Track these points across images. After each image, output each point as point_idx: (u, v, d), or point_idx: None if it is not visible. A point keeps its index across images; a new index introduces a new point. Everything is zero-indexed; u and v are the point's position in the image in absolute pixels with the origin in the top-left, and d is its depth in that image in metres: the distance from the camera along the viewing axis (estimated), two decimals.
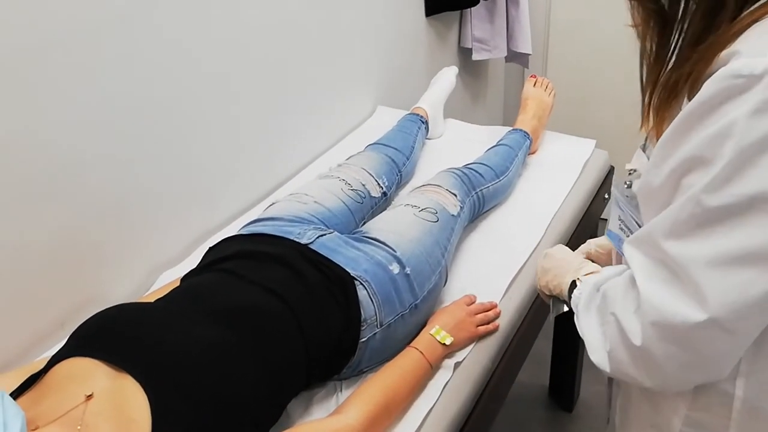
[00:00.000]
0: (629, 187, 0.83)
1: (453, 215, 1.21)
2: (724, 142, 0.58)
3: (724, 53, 0.60)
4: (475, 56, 2.19)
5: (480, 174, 1.34)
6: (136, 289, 1.18)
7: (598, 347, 0.72)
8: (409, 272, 1.05)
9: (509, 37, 2.22)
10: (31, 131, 0.97)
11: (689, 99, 0.62)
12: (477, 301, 1.12)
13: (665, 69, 0.68)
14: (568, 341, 1.79)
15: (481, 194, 1.32)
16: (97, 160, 1.07)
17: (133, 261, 1.17)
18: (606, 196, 1.61)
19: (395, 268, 1.04)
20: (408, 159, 1.47)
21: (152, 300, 0.93)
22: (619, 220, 0.86)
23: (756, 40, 0.59)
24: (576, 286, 0.85)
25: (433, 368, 1.00)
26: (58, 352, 0.81)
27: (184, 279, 1.00)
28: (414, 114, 1.61)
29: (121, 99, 1.09)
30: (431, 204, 1.19)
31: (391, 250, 1.06)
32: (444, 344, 1.01)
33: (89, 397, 0.73)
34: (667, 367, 0.65)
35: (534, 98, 1.60)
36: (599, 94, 2.36)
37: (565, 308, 0.91)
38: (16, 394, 0.77)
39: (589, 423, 1.84)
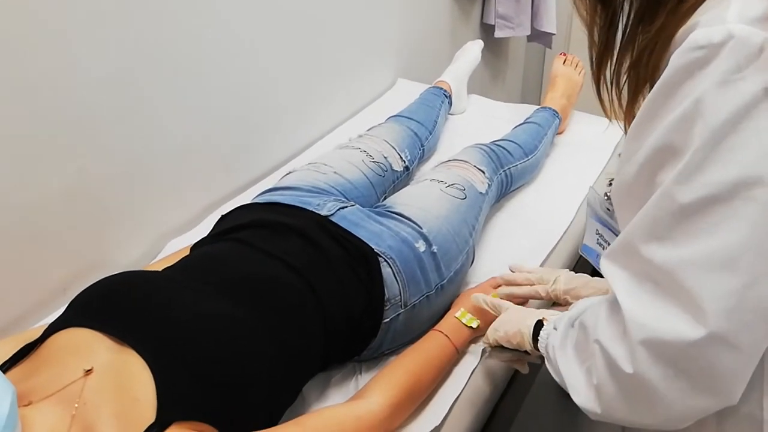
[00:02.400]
0: (609, 198, 0.75)
1: (481, 193, 1.13)
2: (693, 124, 0.50)
3: (682, 30, 0.53)
4: (498, 33, 2.10)
5: (508, 151, 1.27)
6: (142, 257, 1.12)
7: (580, 387, 0.62)
8: (435, 250, 0.98)
9: (534, 15, 2.13)
10: (47, 80, 0.89)
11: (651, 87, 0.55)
12: None
13: (617, 59, 0.61)
14: None
15: (509, 173, 1.25)
16: (110, 116, 1.00)
17: (141, 226, 1.10)
18: None
19: (421, 246, 0.97)
20: (431, 133, 1.39)
21: (160, 269, 0.86)
22: (597, 234, 0.79)
23: (715, 9, 0.51)
24: (542, 326, 0.75)
25: (459, 353, 0.93)
26: (56, 320, 0.74)
27: (195, 248, 0.93)
28: (437, 87, 1.54)
29: (142, 55, 1.02)
30: (458, 180, 1.12)
31: (417, 227, 0.99)
32: (470, 327, 0.94)
33: (88, 372, 0.66)
34: (666, 395, 0.53)
35: (563, 76, 1.52)
36: None
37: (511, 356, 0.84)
38: (8, 365, 0.70)
39: None
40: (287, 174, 1.13)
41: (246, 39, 1.23)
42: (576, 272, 0.94)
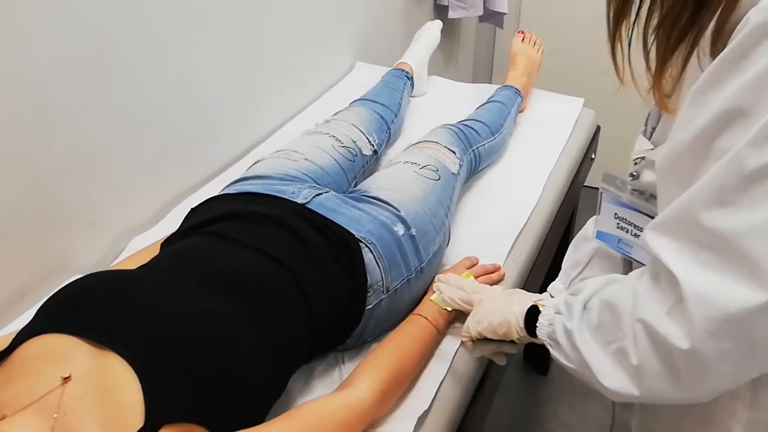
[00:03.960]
0: (636, 177, 0.73)
1: (453, 173, 1.13)
2: (766, 86, 0.48)
3: None
4: (452, 14, 2.10)
5: (476, 131, 1.27)
6: (104, 256, 1.06)
7: (609, 370, 0.60)
8: (414, 233, 0.97)
9: None
10: None
11: (713, 56, 0.53)
12: (479, 264, 1.06)
13: (645, 16, 0.57)
14: None
15: (477, 152, 1.26)
16: (60, 112, 0.94)
17: (100, 224, 1.05)
18: (593, 157, 1.58)
19: (400, 229, 0.96)
20: (396, 116, 1.38)
21: (131, 268, 0.82)
22: (617, 218, 0.77)
23: None
24: (538, 312, 0.72)
25: (440, 334, 0.93)
26: (25, 327, 0.69)
27: (167, 244, 0.89)
28: (399, 69, 1.52)
29: (93, 48, 0.96)
30: (431, 161, 1.11)
31: (395, 210, 0.98)
32: (447, 310, 0.94)
33: (66, 379, 0.62)
34: (721, 368, 0.52)
35: (523, 54, 1.54)
36: (575, 53, 2.31)
37: (507, 349, 0.81)
38: None
39: (563, 386, 1.84)
40: (256, 162, 1.09)
41: (197, 24, 1.18)
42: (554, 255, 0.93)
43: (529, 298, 0.77)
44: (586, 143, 1.50)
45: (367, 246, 0.91)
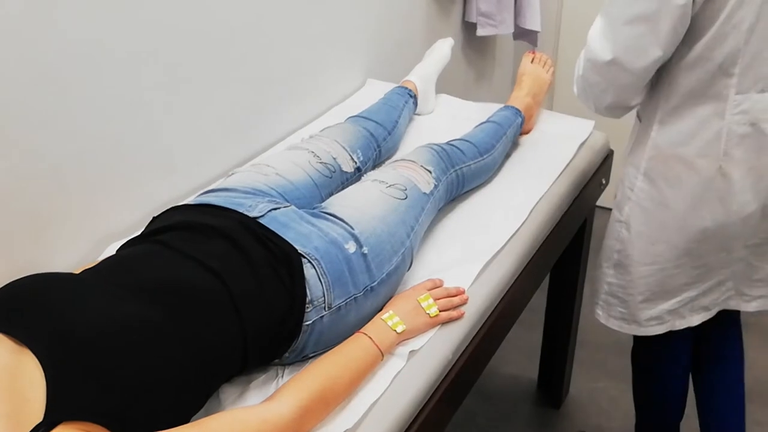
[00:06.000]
0: None
1: (425, 193, 1.12)
2: None
3: None
4: (480, 31, 2.07)
5: (461, 151, 1.25)
6: (79, 262, 1.11)
7: (575, 80, 1.18)
8: (366, 252, 0.97)
9: (517, 13, 2.09)
10: None
11: None
12: (443, 287, 1.04)
13: None
14: (558, 334, 1.70)
15: (460, 173, 1.23)
16: (39, 114, 0.99)
17: (78, 230, 1.09)
18: (603, 182, 1.50)
19: (351, 247, 0.96)
20: (390, 134, 1.38)
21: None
22: None
23: None
24: None
25: (384, 356, 0.92)
26: None
27: (120, 249, 0.94)
28: (402, 87, 1.52)
29: (71, 51, 1.02)
30: (401, 180, 1.10)
31: (348, 227, 0.98)
32: (396, 331, 0.93)
33: None
34: (594, 90, 1.13)
35: (530, 74, 1.50)
36: None
37: None
38: None
39: (577, 421, 1.75)
40: (230, 175, 1.13)
41: (205, 32, 1.22)
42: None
43: None
44: (593, 167, 1.43)
45: (310, 261, 0.91)
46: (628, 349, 1.48)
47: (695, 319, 1.27)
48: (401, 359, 0.93)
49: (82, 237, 1.11)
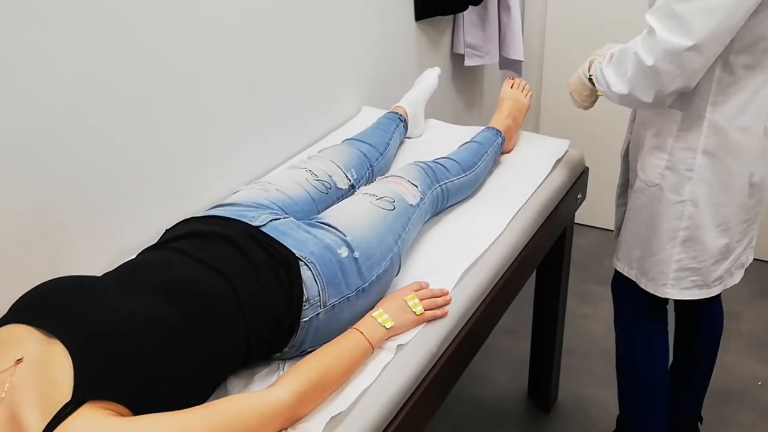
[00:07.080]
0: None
1: (411, 205, 1.23)
2: None
3: None
4: (467, 62, 2.22)
5: (446, 168, 1.37)
6: (102, 272, 1.22)
7: (616, 82, 1.23)
8: (357, 256, 1.08)
9: (501, 44, 2.25)
10: None
11: None
12: (428, 288, 1.14)
13: None
14: (545, 343, 1.79)
15: (445, 188, 1.35)
16: (65, 140, 1.11)
17: (96, 246, 1.20)
18: (579, 196, 1.62)
19: (344, 252, 1.07)
20: (381, 155, 1.50)
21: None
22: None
23: None
24: (591, 65, 1.36)
25: (374, 350, 1.02)
26: None
27: (137, 256, 1.05)
28: (393, 112, 1.65)
29: (93, 81, 1.13)
30: (389, 193, 1.22)
31: (341, 235, 1.10)
32: (385, 327, 1.03)
33: (19, 361, 0.77)
34: (664, 78, 1.15)
35: (510, 98, 1.63)
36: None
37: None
38: None
39: (566, 425, 1.83)
40: (235, 192, 1.25)
41: (208, 66, 1.35)
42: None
43: (592, 54, 1.38)
44: (568, 183, 1.55)
45: (306, 264, 1.03)
46: (613, 358, 1.58)
47: (737, 277, 1.39)
48: (390, 352, 1.03)
49: (100, 252, 1.22)
